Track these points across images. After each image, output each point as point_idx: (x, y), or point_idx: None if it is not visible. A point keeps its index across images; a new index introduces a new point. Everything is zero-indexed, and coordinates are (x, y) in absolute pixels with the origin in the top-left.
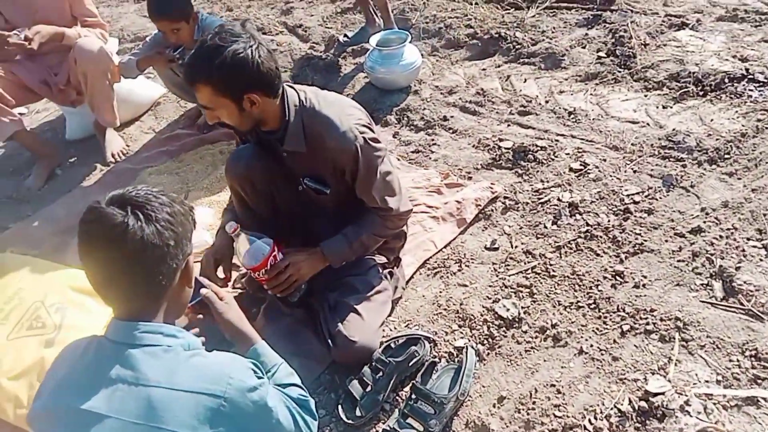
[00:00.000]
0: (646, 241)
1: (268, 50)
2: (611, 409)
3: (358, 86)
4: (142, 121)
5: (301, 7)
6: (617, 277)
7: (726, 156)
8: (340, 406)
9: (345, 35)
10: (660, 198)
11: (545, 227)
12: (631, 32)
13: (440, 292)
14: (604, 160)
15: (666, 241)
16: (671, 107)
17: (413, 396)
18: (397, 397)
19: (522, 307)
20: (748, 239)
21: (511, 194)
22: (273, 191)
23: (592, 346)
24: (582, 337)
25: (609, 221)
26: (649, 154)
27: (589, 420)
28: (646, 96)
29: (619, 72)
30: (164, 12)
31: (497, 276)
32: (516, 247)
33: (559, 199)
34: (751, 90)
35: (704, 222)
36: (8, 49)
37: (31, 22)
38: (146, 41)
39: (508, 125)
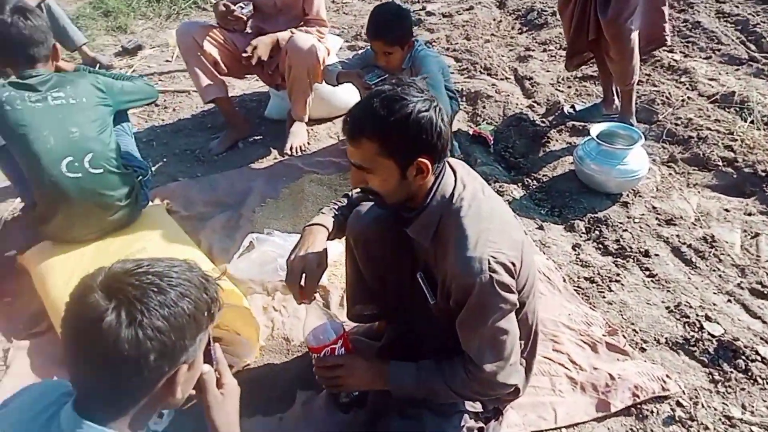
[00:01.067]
0: None
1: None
2: None
3: (560, 170)
4: (334, 123)
5: (540, 58)
6: None
7: None
8: None
9: (572, 106)
10: None
11: None
12: None
13: None
14: None
15: None
16: None
17: None
18: None
19: None
20: None
21: (688, 403)
22: (387, 265)
23: None
24: None
25: None
26: None
27: None
28: None
29: None
30: (382, 33)
31: None
32: None
33: None
34: None
35: None
36: (230, 20)
37: (272, 5)
38: (358, 53)
39: (729, 301)
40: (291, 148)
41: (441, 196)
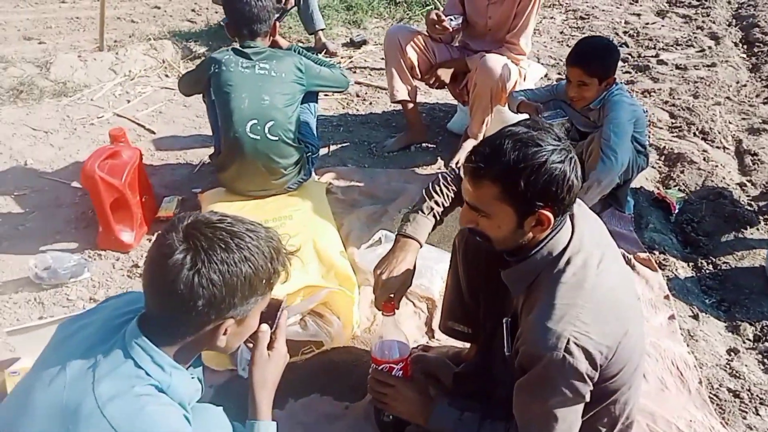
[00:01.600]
0: None
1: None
2: None
3: (748, 262)
4: None
5: None
6: None
7: None
8: None
9: None
10: None
11: None
12: None
13: None
14: None
15: None
16: None
17: None
18: None
19: None
20: None
21: None
22: (483, 288)
23: None
24: None
25: None
26: None
27: None
28: None
29: None
30: (583, 60)
31: None
32: None
33: None
34: None
35: None
36: (437, 29)
37: (483, 24)
38: (550, 84)
39: None
40: (456, 163)
41: (548, 252)
